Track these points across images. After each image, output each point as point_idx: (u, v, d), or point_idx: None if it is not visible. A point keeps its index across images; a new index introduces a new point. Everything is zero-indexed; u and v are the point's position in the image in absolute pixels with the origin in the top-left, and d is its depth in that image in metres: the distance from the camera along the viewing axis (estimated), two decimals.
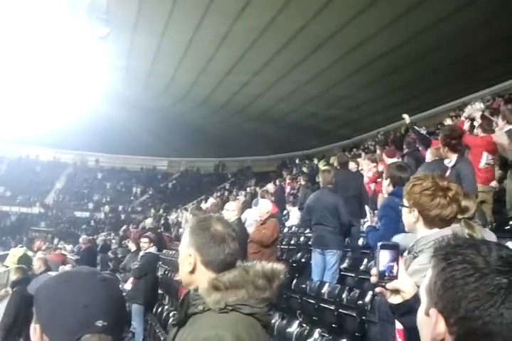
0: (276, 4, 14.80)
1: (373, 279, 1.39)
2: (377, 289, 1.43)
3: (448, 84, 19.05)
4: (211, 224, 1.73)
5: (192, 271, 1.71)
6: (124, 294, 8.55)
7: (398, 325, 2.09)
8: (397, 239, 3.05)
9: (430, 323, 0.87)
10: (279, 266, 1.68)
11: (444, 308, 0.85)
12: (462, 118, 10.16)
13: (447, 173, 4.63)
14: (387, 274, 1.34)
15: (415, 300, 1.31)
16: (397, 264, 1.34)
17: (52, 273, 1.37)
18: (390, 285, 1.38)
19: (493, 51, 16.01)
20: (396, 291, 1.40)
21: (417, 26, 15.18)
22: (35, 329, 1.18)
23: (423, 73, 18.35)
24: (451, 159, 4.80)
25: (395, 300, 1.41)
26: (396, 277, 1.35)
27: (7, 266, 11.50)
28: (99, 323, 1.13)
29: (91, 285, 1.18)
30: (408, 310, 1.36)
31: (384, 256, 1.33)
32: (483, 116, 7.68)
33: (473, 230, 2.75)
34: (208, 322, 1.54)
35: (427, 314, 0.89)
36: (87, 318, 1.13)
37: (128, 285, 8.47)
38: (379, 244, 1.33)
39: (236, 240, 1.75)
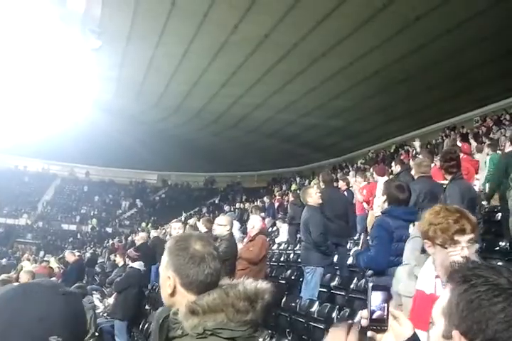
0: (275, 15, 14.82)
1: (364, 322, 1.29)
2: (369, 333, 1.31)
3: (438, 104, 19.29)
4: (190, 244, 1.65)
5: (172, 294, 1.64)
6: (108, 309, 8.41)
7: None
8: None
9: None
10: (264, 285, 1.60)
11: (469, 329, 0.83)
12: None
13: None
14: (378, 316, 1.26)
15: None
16: (388, 306, 1.27)
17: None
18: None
19: (486, 70, 16.25)
20: (386, 334, 1.28)
21: (411, 45, 15.40)
22: None
23: (414, 92, 18.59)
24: (447, 180, 4.87)
25: None
26: (387, 318, 1.27)
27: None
28: (53, 339, 1.08)
29: (49, 298, 1.14)
30: None
31: (376, 298, 1.27)
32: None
33: None
34: None
35: (447, 337, 0.87)
36: (41, 332, 1.08)
37: (111, 300, 8.36)
38: (370, 284, 1.27)
39: (217, 259, 1.67)
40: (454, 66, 16.15)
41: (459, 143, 11.38)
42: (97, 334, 7.24)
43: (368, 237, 4.44)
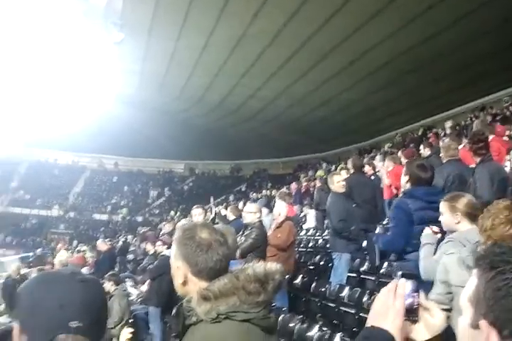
0: (290, 9, 14.86)
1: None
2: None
3: (468, 84, 18.97)
4: (196, 233, 1.69)
5: (184, 283, 1.68)
6: (141, 296, 8.60)
7: None
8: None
9: (479, 336, 0.82)
10: (274, 266, 1.62)
11: (497, 319, 0.79)
12: None
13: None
14: (408, 306, 1.16)
15: (446, 335, 1.16)
16: (418, 295, 1.17)
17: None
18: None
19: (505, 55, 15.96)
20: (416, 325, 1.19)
21: (421, 35, 15.33)
22: (16, 328, 1.19)
23: (439, 74, 18.29)
24: (476, 163, 4.79)
25: (419, 336, 1.18)
26: (418, 309, 1.18)
27: None
28: (74, 324, 1.13)
29: (69, 286, 1.19)
30: None
31: (406, 287, 1.17)
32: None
33: None
34: (199, 334, 1.52)
35: (474, 327, 0.83)
36: (62, 319, 1.13)
37: (144, 287, 8.53)
38: (399, 273, 1.18)
39: (225, 245, 1.70)
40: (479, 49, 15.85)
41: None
42: (131, 320, 7.45)
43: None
